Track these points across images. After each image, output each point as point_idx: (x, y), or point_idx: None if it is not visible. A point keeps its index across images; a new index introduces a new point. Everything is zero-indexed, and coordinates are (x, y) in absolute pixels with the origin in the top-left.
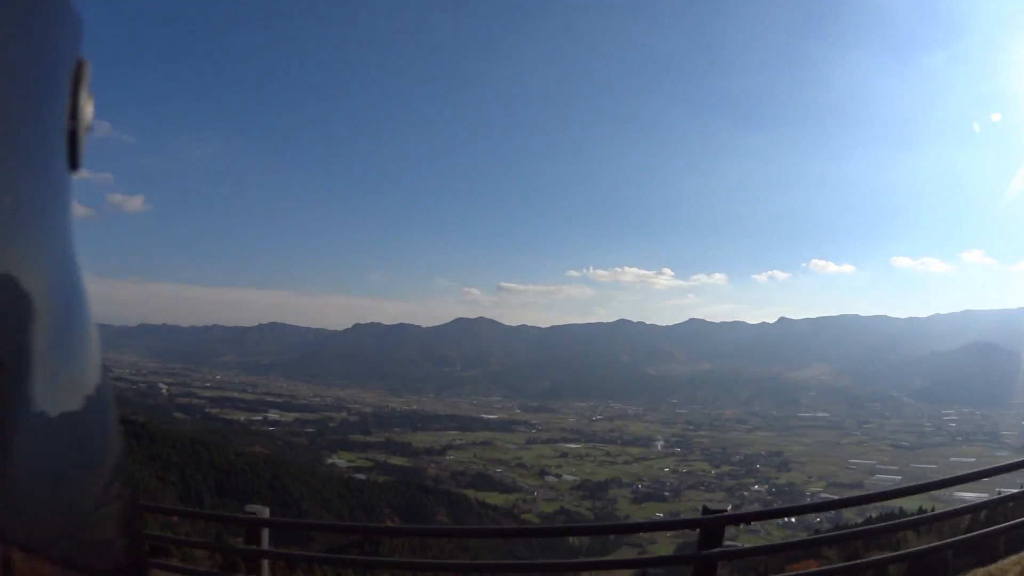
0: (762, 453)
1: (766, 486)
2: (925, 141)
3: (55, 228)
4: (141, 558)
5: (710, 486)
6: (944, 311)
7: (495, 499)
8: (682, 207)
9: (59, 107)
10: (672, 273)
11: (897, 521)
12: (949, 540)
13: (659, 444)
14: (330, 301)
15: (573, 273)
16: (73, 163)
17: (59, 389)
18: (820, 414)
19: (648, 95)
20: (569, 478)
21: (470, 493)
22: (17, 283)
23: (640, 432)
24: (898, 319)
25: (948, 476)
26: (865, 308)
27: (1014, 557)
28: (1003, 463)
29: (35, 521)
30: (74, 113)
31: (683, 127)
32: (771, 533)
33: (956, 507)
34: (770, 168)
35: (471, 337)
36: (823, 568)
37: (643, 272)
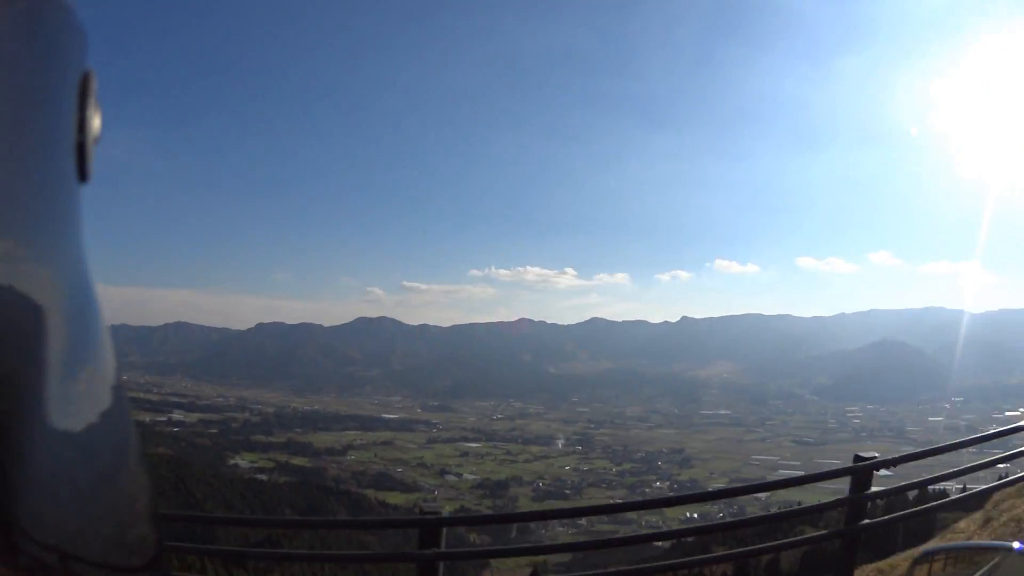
0: (664, 450)
1: (668, 482)
2: (835, 144)
3: (66, 240)
4: (161, 558)
5: (611, 483)
6: (849, 311)
7: (396, 499)
8: (586, 207)
9: (67, 119)
10: (575, 273)
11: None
12: (833, 531)
13: (560, 442)
14: (235, 300)
15: (476, 272)
16: (82, 175)
17: (76, 396)
18: (722, 411)
19: (552, 94)
20: (470, 477)
21: (370, 493)
22: (31, 294)
23: (541, 431)
24: (802, 318)
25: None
26: (769, 307)
27: (908, 552)
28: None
29: (59, 525)
30: (82, 125)
31: (588, 127)
32: (671, 526)
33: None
34: (676, 169)
35: (373, 337)
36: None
37: (545, 271)
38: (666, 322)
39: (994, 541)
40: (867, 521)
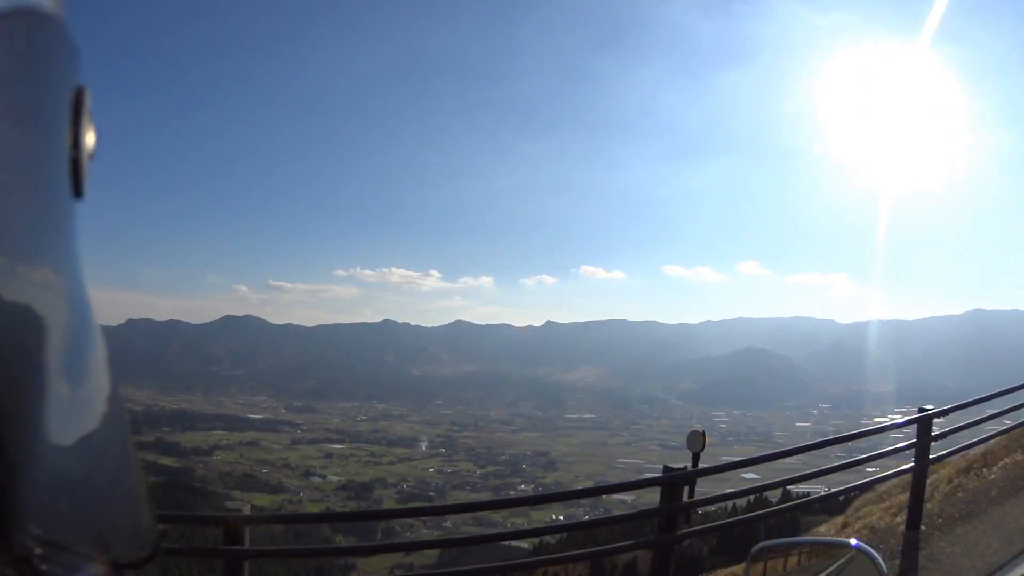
0: (528, 453)
1: (532, 485)
2: (707, 156)
3: (62, 255)
4: (160, 553)
5: (475, 486)
6: (716, 318)
7: (261, 500)
8: (453, 209)
9: (60, 136)
10: (439, 275)
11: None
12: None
13: (423, 445)
14: (105, 296)
15: (341, 272)
16: (77, 191)
17: (77, 399)
18: (587, 415)
19: (423, 95)
20: (334, 479)
21: (236, 494)
22: (29, 308)
23: (405, 433)
24: (668, 324)
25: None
26: (635, 314)
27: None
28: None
29: (65, 522)
30: (76, 141)
31: (459, 129)
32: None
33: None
34: (545, 174)
35: (239, 335)
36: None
37: (410, 273)
38: (531, 326)
39: (830, 537)
40: (685, 529)
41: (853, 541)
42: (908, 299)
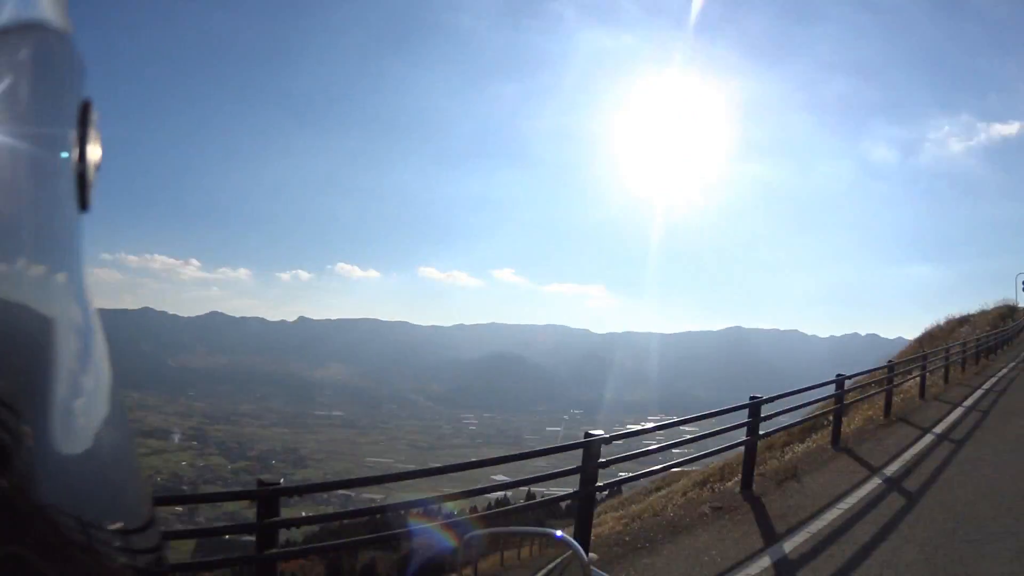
0: (278, 449)
1: (283, 481)
2: (476, 163)
3: (68, 267)
4: (164, 560)
5: (227, 481)
6: (469, 323)
7: None
8: (216, 197)
9: (66, 148)
10: (199, 264)
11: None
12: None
13: (176, 437)
14: None
15: (106, 255)
16: (83, 204)
17: (80, 413)
18: (336, 413)
19: (193, 76)
20: None
21: None
22: (37, 318)
23: (159, 423)
24: (420, 326)
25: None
26: (388, 314)
27: None
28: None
29: (73, 499)
30: (82, 154)
31: (228, 115)
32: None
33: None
34: (310, 167)
35: None
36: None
37: (172, 261)
38: (284, 321)
39: (535, 527)
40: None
41: (558, 532)
42: (668, 314)
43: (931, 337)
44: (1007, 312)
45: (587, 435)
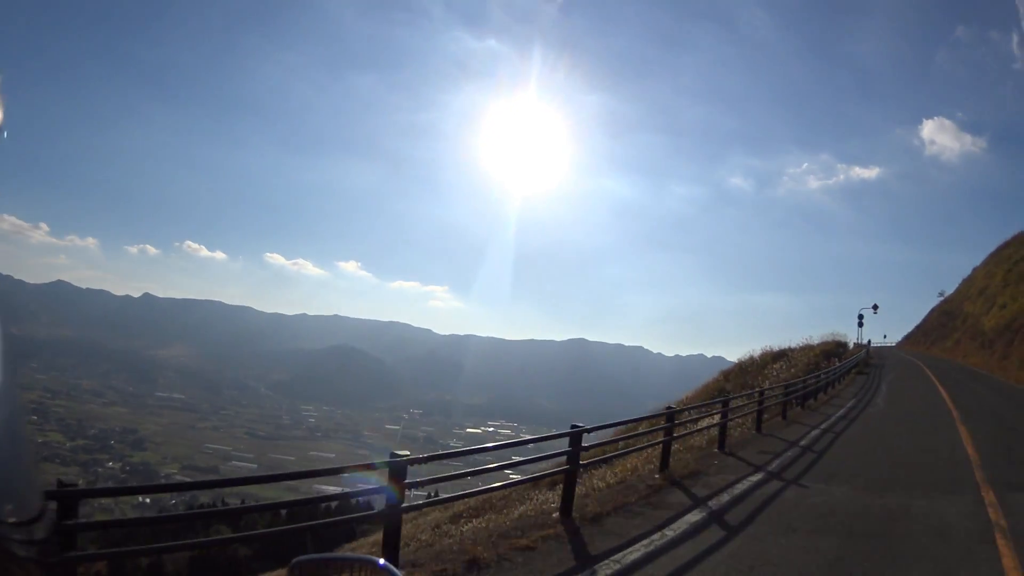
0: (117, 429)
1: (120, 463)
2: (328, 152)
3: None
4: (46, 513)
5: (65, 459)
6: (312, 312)
7: None
8: (69, 160)
9: None
10: (48, 229)
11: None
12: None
13: None
14: None
15: None
16: None
17: None
18: (177, 395)
19: (49, 34)
20: None
21: None
22: None
23: None
24: (263, 312)
25: (308, 468)
26: (232, 297)
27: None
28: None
29: None
30: None
31: (84, 78)
32: (126, 513)
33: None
34: (165, 140)
35: None
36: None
37: (21, 223)
38: (128, 296)
39: (360, 555)
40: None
41: (380, 561)
42: (512, 320)
43: (740, 371)
44: (833, 349)
45: (393, 455)
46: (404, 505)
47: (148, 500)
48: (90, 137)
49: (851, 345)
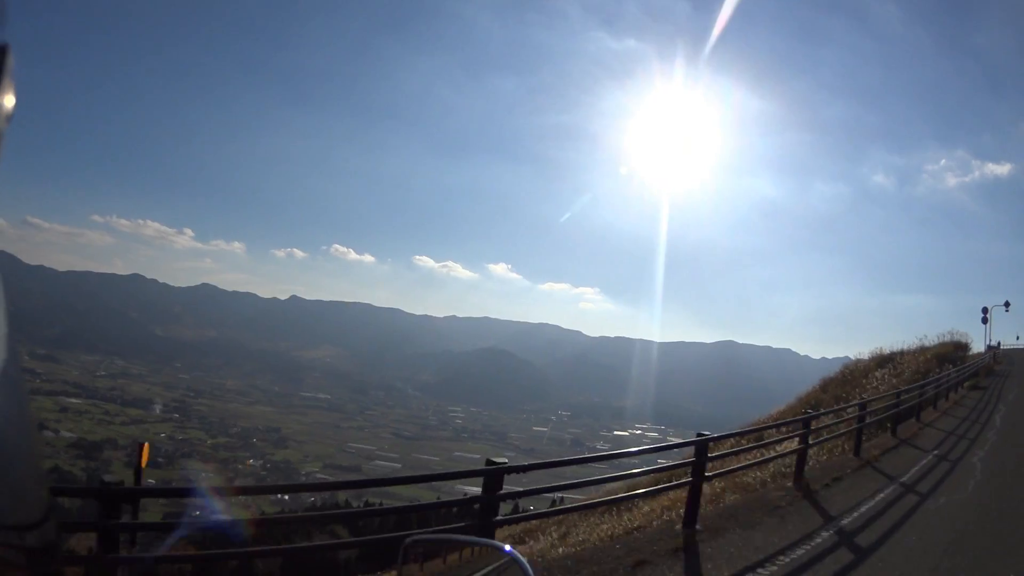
0: (260, 427)
1: (261, 461)
2: (473, 155)
3: None
4: (51, 516)
5: (205, 456)
6: (462, 315)
7: None
8: (213, 168)
9: None
10: (193, 234)
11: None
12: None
13: (158, 408)
14: None
15: (97, 218)
16: None
17: None
18: (322, 395)
19: (194, 45)
20: (67, 435)
21: None
22: None
23: (141, 393)
24: (412, 315)
25: (453, 469)
26: (380, 300)
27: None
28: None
29: None
30: None
31: (228, 88)
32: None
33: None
34: (310, 147)
35: None
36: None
37: (165, 228)
38: (276, 298)
39: (483, 539)
40: (499, 517)
41: (507, 547)
42: (662, 322)
43: (843, 379)
44: (951, 351)
45: (699, 434)
46: (497, 518)
47: (287, 497)
48: (233, 144)
49: (976, 348)
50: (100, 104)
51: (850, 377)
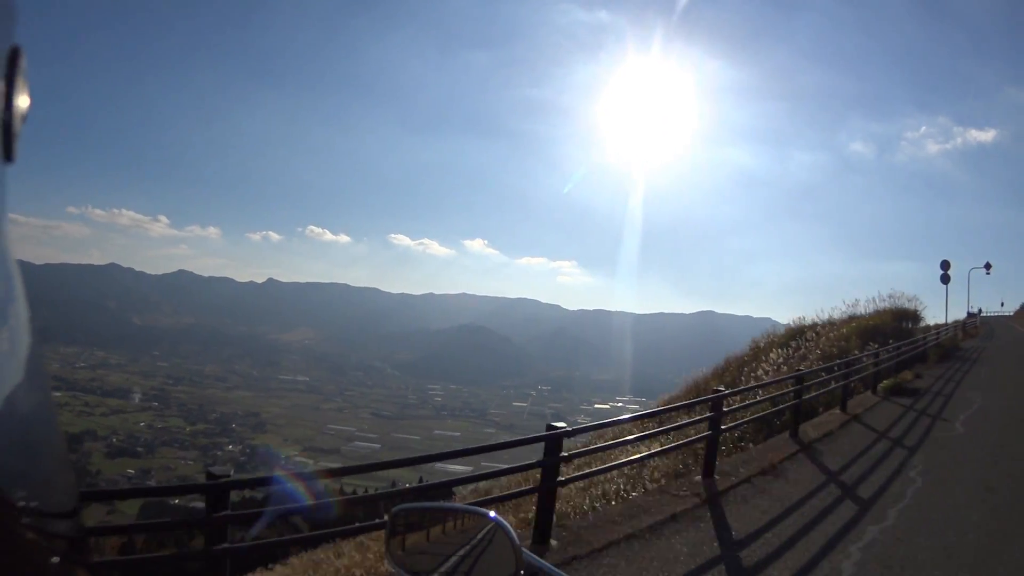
0: (239, 412)
1: (240, 446)
2: (445, 131)
3: None
4: (86, 542)
5: (184, 443)
6: (439, 292)
7: None
8: (186, 153)
9: None
10: (168, 221)
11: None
12: None
13: (137, 397)
14: None
15: (72, 209)
16: (8, 154)
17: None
18: (301, 378)
19: (156, 29)
20: None
21: None
22: None
23: (120, 383)
24: (389, 293)
25: (434, 450)
26: (357, 279)
27: None
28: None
29: None
30: (8, 103)
31: (195, 71)
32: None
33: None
34: (282, 128)
35: None
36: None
37: (140, 216)
38: (252, 282)
39: (470, 506)
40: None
41: (491, 513)
42: (640, 294)
43: (746, 361)
44: (888, 322)
45: (549, 427)
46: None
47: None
48: (205, 129)
49: (936, 314)
50: (71, 95)
51: (752, 356)
